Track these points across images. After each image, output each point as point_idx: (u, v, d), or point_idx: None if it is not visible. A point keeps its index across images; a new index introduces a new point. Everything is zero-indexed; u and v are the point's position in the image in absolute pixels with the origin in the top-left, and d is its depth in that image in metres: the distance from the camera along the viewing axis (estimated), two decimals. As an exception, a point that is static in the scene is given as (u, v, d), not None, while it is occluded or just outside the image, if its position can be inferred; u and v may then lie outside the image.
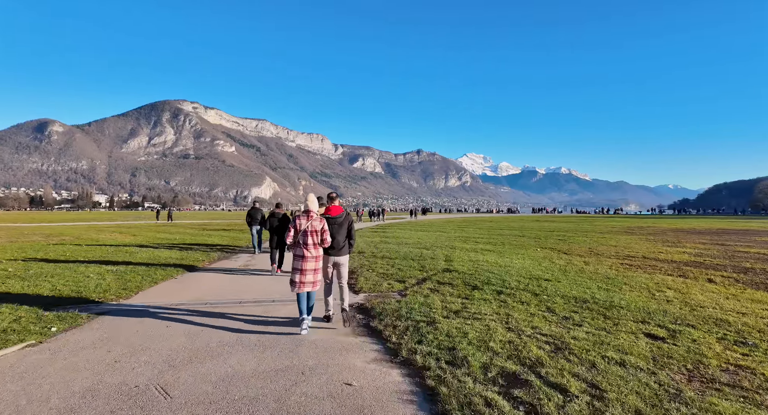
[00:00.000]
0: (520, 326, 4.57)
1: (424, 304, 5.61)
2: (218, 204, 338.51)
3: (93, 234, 19.69)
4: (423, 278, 7.68)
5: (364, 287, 6.99)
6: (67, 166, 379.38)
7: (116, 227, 27.55)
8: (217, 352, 3.93)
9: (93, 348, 4.00)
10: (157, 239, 17.30)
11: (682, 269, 9.05)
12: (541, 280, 7.37)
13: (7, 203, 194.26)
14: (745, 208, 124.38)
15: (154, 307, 5.69)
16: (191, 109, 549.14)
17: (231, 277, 8.24)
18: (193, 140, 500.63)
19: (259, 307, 5.73)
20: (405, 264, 9.46)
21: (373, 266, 9.24)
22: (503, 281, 7.21)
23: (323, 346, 4.14)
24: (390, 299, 5.96)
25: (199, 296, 6.37)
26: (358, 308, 5.69)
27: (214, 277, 8.20)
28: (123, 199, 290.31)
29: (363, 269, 8.87)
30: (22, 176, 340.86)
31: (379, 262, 9.95)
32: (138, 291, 6.70)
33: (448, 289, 6.64)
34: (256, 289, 7.06)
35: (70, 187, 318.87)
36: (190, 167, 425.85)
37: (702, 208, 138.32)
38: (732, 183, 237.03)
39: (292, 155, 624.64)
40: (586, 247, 14.06)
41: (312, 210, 4.62)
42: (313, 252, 4.58)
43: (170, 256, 10.96)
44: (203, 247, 13.77)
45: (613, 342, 4.04)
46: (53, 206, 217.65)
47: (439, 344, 4.01)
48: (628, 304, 5.56)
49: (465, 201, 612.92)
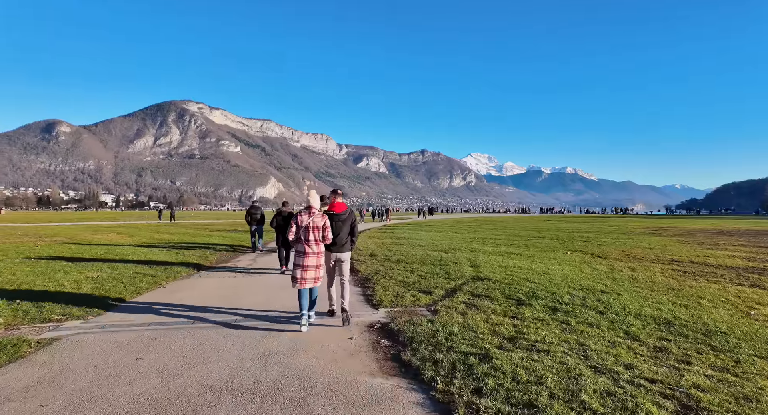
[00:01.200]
0: (608, 364, 3.37)
1: (465, 326, 4.44)
2: (223, 204, 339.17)
3: (88, 235, 18.71)
4: (452, 289, 6.50)
5: (384, 300, 5.83)
6: (75, 167, 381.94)
7: (116, 226, 26.63)
8: (197, 406, 2.79)
9: (22, 400, 2.86)
10: (154, 239, 16.27)
11: (748, 277, 7.79)
12: (595, 292, 6.16)
13: (15, 203, 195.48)
14: (758, 208, 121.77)
15: (128, 327, 4.57)
16: (197, 109, 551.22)
17: (228, 283, 7.10)
18: (199, 140, 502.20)
19: (258, 327, 4.59)
20: (426, 270, 8.29)
21: (389, 273, 8.09)
22: (551, 293, 6.01)
23: (342, 393, 2.98)
24: (419, 318, 4.80)
25: (187, 312, 5.24)
26: (382, 329, 4.53)
27: (208, 284, 7.07)
28: (129, 199, 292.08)
29: (379, 276, 7.71)
30: (30, 176, 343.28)
31: (396, 267, 8.79)
32: (115, 304, 5.59)
33: (486, 304, 5.46)
34: (255, 299, 5.92)
35: (77, 188, 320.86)
36: (195, 167, 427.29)
37: (712, 208, 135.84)
38: (741, 183, 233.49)
39: (297, 155, 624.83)
40: (618, 249, 12.80)
41: (313, 206, 4.60)
42: (314, 248, 4.54)
43: (163, 259, 9.87)
44: (202, 248, 12.69)
45: (756, 396, 2.84)
46: (60, 206, 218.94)
47: (509, 395, 2.83)
48: (730, 328, 4.34)
49: (470, 201, 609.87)
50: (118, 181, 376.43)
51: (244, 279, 7.70)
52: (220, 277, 7.91)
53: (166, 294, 6.33)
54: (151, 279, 7.30)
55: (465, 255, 10.76)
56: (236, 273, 8.37)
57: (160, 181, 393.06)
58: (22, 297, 5.76)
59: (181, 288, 6.81)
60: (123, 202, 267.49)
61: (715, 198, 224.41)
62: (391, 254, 11.24)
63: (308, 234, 4.52)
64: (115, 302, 5.70)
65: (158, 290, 6.68)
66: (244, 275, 8.18)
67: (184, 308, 5.46)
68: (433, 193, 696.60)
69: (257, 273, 8.37)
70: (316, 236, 4.54)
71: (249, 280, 7.61)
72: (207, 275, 8.10)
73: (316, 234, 4.54)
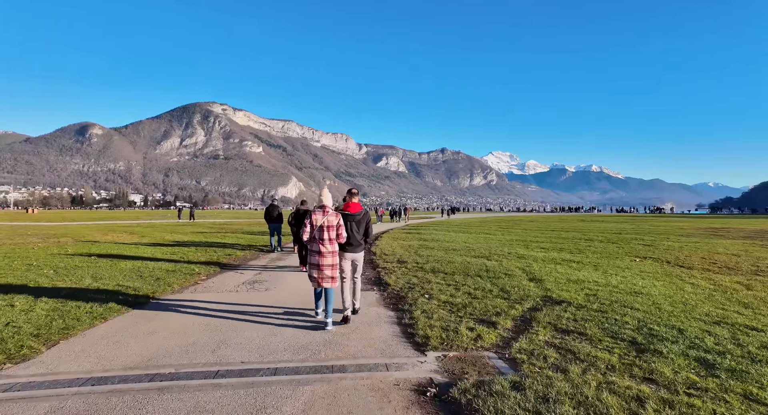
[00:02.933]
0: None
1: (581, 401, 2.67)
2: (246, 203, 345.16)
3: (99, 235, 17.79)
4: (521, 318, 4.72)
5: (430, 336, 4.09)
6: (106, 167, 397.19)
7: (134, 226, 25.93)
8: None
9: None
10: (165, 239, 15.11)
11: None
12: (739, 328, 4.23)
13: (51, 202, 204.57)
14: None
15: (46, 387, 3.03)
16: (221, 110, 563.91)
17: (223, 309, 5.51)
18: (223, 141, 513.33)
19: (249, 395, 2.96)
20: (474, 285, 6.52)
21: (428, 288, 6.37)
22: (677, 330, 4.11)
23: None
24: (496, 378, 3.05)
25: (146, 360, 3.62)
26: (440, 400, 2.82)
27: (193, 313, 5.53)
28: (157, 198, 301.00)
29: (415, 293, 6.00)
30: (66, 177, 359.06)
31: (433, 279, 7.06)
32: (55, 342, 4.06)
33: (587, 348, 3.65)
34: (252, 340, 4.25)
35: (109, 187, 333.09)
36: (219, 167, 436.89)
37: (752, 207, 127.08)
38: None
39: (317, 155, 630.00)
40: (695, 256, 10.60)
41: (327, 205, 4.53)
42: (329, 247, 4.45)
43: (158, 268, 8.46)
44: (212, 250, 11.30)
45: None
46: (92, 206, 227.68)
47: None
48: None
49: (491, 200, 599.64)
50: (147, 182, 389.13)
51: (247, 301, 6.13)
52: (218, 292, 6.38)
53: (125, 329, 4.65)
54: (115, 305, 5.81)
55: (514, 263, 8.89)
56: (240, 287, 6.83)
57: (186, 181, 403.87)
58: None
59: (149, 319, 5.27)
60: (151, 202, 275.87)
61: (752, 196, 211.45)
62: (423, 260, 9.50)
63: (323, 233, 4.43)
64: (60, 336, 4.18)
65: (117, 319, 5.18)
66: (251, 289, 6.62)
67: (143, 356, 3.85)
68: (453, 192, 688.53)
69: (269, 290, 6.80)
70: (330, 235, 4.45)
71: (254, 304, 6.03)
72: (198, 294, 6.58)
73: (331, 233, 4.45)
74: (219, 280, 7.36)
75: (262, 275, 7.90)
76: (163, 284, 6.66)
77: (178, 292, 6.36)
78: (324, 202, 4.52)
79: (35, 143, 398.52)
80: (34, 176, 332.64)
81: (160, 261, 9.24)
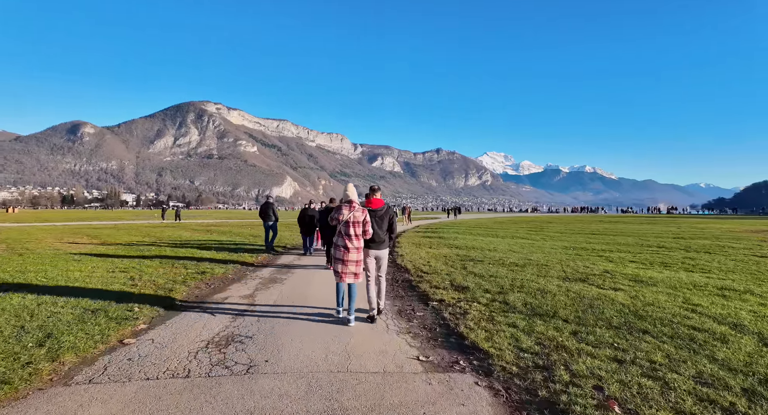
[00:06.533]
0: None
1: None
2: (240, 203, 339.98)
3: (52, 239, 14.31)
4: None
5: None
6: (98, 167, 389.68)
7: (109, 227, 22.39)
8: None
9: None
10: (127, 247, 11.72)
11: None
12: None
13: (41, 202, 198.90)
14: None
15: None
16: (215, 110, 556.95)
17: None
18: (217, 141, 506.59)
19: None
20: (659, 355, 3.33)
21: (574, 366, 3.17)
22: None
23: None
24: None
25: None
26: None
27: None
28: (150, 198, 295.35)
29: (562, 384, 2.80)
30: (57, 176, 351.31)
31: (559, 337, 3.84)
32: None
33: None
34: None
35: (101, 187, 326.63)
36: (213, 167, 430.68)
37: (743, 207, 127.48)
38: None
39: (312, 155, 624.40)
40: None
41: (354, 200, 4.52)
42: (355, 243, 4.44)
43: (67, 310, 5.12)
44: (180, 265, 7.98)
45: None
46: (84, 205, 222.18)
47: None
48: None
49: (485, 200, 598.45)
50: (139, 181, 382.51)
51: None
52: (151, 384, 3.09)
53: None
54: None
55: (652, 295, 5.64)
56: (189, 372, 3.56)
57: (180, 180, 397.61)
58: None
59: None
60: (144, 202, 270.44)
61: (744, 197, 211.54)
62: (491, 285, 6.26)
63: (349, 229, 4.43)
64: None
65: None
66: (216, 373, 3.36)
67: None
68: (449, 192, 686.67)
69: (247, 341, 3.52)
70: (356, 230, 4.44)
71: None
72: (128, 363, 3.29)
73: (357, 229, 4.45)
74: (164, 337, 4.05)
75: (245, 320, 4.61)
76: (41, 362, 3.33)
77: (60, 381, 3.06)
78: (351, 197, 4.50)
79: (26, 142, 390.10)
80: (24, 175, 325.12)
81: (84, 294, 5.72)
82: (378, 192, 4.94)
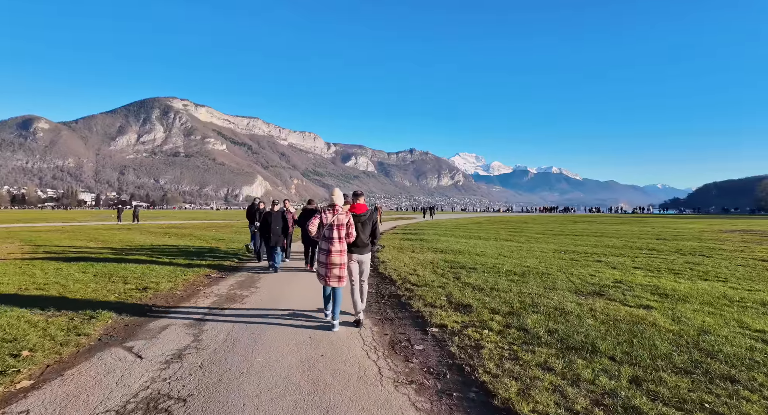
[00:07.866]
0: None
1: None
2: (208, 203, 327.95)
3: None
4: None
5: None
6: (53, 164, 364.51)
7: (50, 230, 19.95)
8: None
9: None
10: (59, 262, 9.96)
11: None
12: None
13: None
14: (753, 208, 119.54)
15: None
16: (181, 106, 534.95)
17: None
18: (184, 138, 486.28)
19: None
20: (721, 403, 2.38)
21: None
22: None
23: None
24: None
25: None
26: None
27: None
28: (110, 197, 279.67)
29: None
30: (6, 174, 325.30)
31: (582, 369, 2.86)
32: None
33: None
34: None
35: (56, 186, 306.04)
36: (180, 165, 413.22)
37: (697, 207, 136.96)
38: (721, 183, 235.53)
39: (284, 154, 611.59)
40: None
41: (337, 204, 4.50)
42: (338, 246, 4.38)
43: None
44: (119, 279, 6.46)
45: None
46: (36, 205, 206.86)
47: None
48: None
49: (457, 200, 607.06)
50: (99, 180, 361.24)
51: None
52: None
53: None
54: None
55: (693, 313, 4.78)
56: None
57: (144, 179, 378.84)
58: None
59: None
60: (104, 201, 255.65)
61: (697, 197, 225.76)
62: (497, 303, 5.26)
63: (332, 232, 4.38)
64: None
65: None
66: None
67: None
68: (422, 192, 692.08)
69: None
70: (340, 233, 4.40)
71: None
72: None
73: (341, 232, 4.40)
74: (50, 406, 2.74)
75: (183, 366, 3.31)
76: None
77: None
78: (335, 201, 4.49)
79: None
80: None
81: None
82: (362, 197, 4.93)
